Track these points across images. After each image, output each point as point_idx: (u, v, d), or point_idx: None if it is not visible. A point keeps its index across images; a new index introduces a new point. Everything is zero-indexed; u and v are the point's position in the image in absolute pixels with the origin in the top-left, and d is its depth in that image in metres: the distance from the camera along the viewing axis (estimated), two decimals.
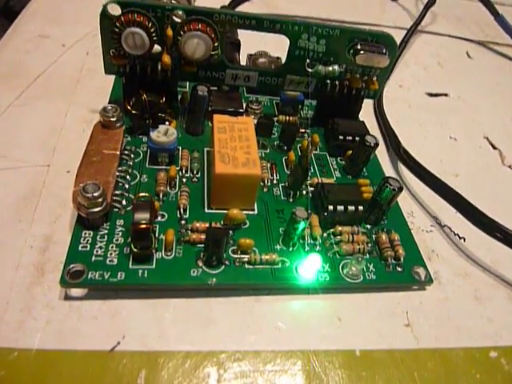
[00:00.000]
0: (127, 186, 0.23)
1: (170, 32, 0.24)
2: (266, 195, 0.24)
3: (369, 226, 0.24)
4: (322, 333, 0.20)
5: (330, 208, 0.23)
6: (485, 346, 0.21)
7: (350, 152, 0.27)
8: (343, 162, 0.28)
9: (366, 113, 0.34)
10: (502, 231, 0.23)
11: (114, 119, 0.24)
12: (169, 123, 0.26)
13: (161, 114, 0.25)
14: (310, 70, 0.27)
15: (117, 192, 0.22)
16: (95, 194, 0.20)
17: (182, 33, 0.24)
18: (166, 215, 0.22)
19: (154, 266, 0.20)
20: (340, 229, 0.23)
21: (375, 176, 0.27)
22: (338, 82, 0.28)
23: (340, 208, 0.23)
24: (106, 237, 0.21)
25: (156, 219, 0.21)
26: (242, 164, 0.22)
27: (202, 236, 0.21)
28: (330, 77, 0.27)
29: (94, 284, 0.19)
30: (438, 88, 0.39)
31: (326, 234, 0.23)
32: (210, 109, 0.27)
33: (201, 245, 0.21)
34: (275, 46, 0.32)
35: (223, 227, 0.21)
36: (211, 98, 0.28)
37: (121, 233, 0.21)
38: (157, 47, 0.25)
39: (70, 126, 0.27)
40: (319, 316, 0.21)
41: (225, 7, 0.37)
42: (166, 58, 0.25)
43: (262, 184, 0.25)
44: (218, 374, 0.18)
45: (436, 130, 0.34)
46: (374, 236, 0.23)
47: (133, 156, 0.25)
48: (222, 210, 0.22)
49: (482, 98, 0.39)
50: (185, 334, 0.19)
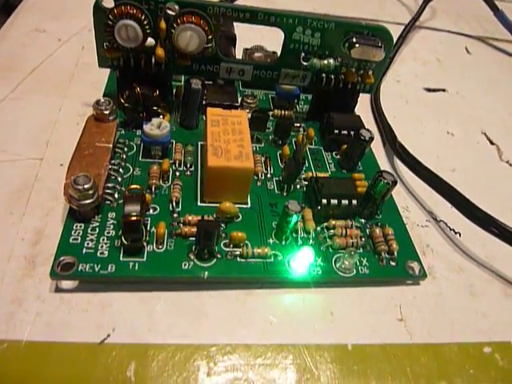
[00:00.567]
0: (120, 179, 0.23)
1: (163, 25, 0.24)
2: (260, 189, 0.24)
3: (363, 221, 0.24)
4: (314, 327, 0.20)
5: (324, 202, 0.22)
6: (479, 341, 0.21)
7: (345, 146, 0.27)
8: (338, 156, 0.28)
9: (363, 107, 0.34)
10: (497, 226, 0.23)
11: (107, 112, 0.24)
12: (163, 116, 0.26)
13: (154, 108, 0.25)
14: (304, 64, 0.27)
15: (109, 185, 0.22)
16: (86, 186, 0.19)
17: (175, 25, 0.24)
18: (158, 208, 0.22)
19: (144, 259, 0.20)
20: (333, 223, 0.23)
21: (370, 170, 0.27)
22: (333, 76, 0.28)
23: (333, 202, 0.22)
24: (98, 229, 0.20)
25: (147, 212, 0.21)
26: (234, 157, 0.21)
27: (193, 229, 0.21)
28: (326, 70, 0.27)
29: (85, 276, 0.19)
30: (436, 83, 0.39)
31: (319, 228, 0.23)
32: (204, 102, 0.27)
33: (193, 238, 0.21)
34: (272, 41, 0.31)
35: (215, 220, 0.21)
36: (206, 91, 0.28)
37: (112, 225, 0.21)
38: (151, 40, 0.25)
39: (63, 119, 0.27)
40: (311, 310, 0.21)
41: (222, 1, 0.37)
42: (159, 51, 0.24)
43: (256, 178, 0.25)
44: (208, 367, 0.18)
45: (433, 126, 0.34)
46: (367, 230, 0.23)
47: (126, 149, 0.25)
48: (215, 204, 0.22)
49: (480, 93, 0.39)
50: (175, 327, 0.19)
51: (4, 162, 0.24)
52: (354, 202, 0.23)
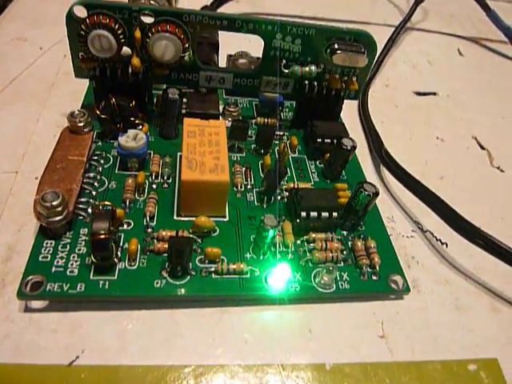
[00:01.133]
0: (94, 193, 0.22)
1: (138, 34, 0.23)
2: (239, 201, 0.24)
3: (345, 233, 0.23)
4: (292, 345, 0.19)
5: (303, 214, 0.22)
6: (464, 358, 0.20)
7: (328, 155, 0.26)
8: (322, 165, 0.27)
9: (351, 113, 0.33)
10: (483, 238, 0.22)
11: (82, 124, 0.23)
12: (141, 127, 0.25)
13: (131, 118, 0.25)
14: (285, 71, 0.26)
15: (82, 199, 0.22)
16: (54, 203, 0.19)
17: (150, 35, 0.23)
18: (133, 223, 0.21)
19: (115, 277, 0.19)
20: (314, 236, 0.22)
21: (355, 179, 0.26)
22: (316, 83, 0.27)
23: (313, 214, 0.22)
24: (68, 246, 0.20)
25: (119, 228, 0.21)
26: (209, 170, 0.21)
27: (166, 245, 0.20)
28: (308, 77, 0.26)
29: (53, 296, 0.18)
30: (427, 87, 0.38)
31: (299, 242, 0.22)
32: (184, 111, 0.27)
33: (166, 254, 0.20)
34: (258, 46, 0.31)
35: (188, 236, 0.21)
36: (186, 100, 0.27)
37: (84, 242, 0.20)
38: (127, 49, 0.24)
39: (41, 130, 0.27)
40: (289, 328, 0.20)
41: (206, 7, 0.36)
42: (135, 61, 0.24)
43: (235, 189, 0.24)
44: None
45: (422, 131, 0.33)
46: (349, 243, 0.23)
47: (102, 161, 0.24)
48: (192, 217, 0.22)
49: (471, 96, 0.38)
50: (147, 348, 0.18)
51: None
52: (335, 214, 0.22)
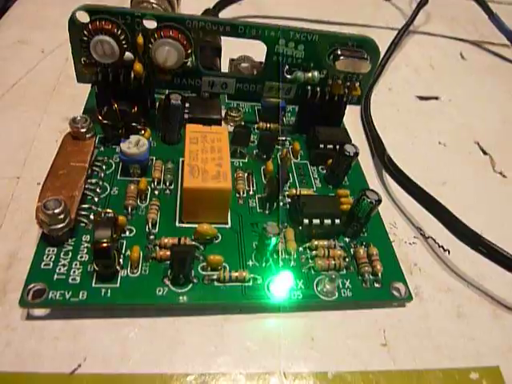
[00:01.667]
0: (96, 199, 0.22)
1: (140, 39, 0.23)
2: (241, 207, 0.24)
3: (347, 239, 0.23)
4: (294, 353, 0.19)
5: (305, 221, 0.22)
6: (466, 366, 0.20)
7: (331, 161, 0.26)
8: (325, 171, 0.27)
9: (354, 118, 0.33)
10: (485, 245, 0.22)
11: (84, 130, 0.23)
12: (144, 132, 0.25)
13: (134, 124, 0.25)
14: (288, 77, 0.26)
15: (84, 206, 0.22)
16: (56, 211, 0.19)
17: (152, 40, 0.23)
18: (135, 230, 0.21)
19: (118, 285, 0.19)
20: (316, 243, 0.22)
21: (357, 185, 0.26)
22: (319, 89, 0.27)
23: (316, 221, 0.22)
24: (71, 253, 0.20)
25: (121, 235, 0.21)
26: (211, 177, 0.21)
27: (169, 252, 0.20)
28: (310, 83, 0.26)
29: (55, 304, 0.18)
30: (429, 91, 0.38)
31: (301, 249, 0.22)
32: (187, 116, 0.26)
33: (168, 261, 0.20)
34: (259, 51, 0.31)
35: (191, 244, 0.20)
36: (188, 104, 0.27)
37: (86, 249, 0.20)
38: (130, 55, 0.24)
39: (43, 136, 0.27)
40: (291, 335, 0.20)
41: (209, 10, 0.36)
42: (137, 67, 0.24)
43: (238, 195, 0.24)
44: None
45: (424, 136, 0.33)
46: (352, 250, 0.23)
47: (104, 167, 0.24)
48: (194, 224, 0.22)
49: (474, 100, 0.38)
50: (149, 356, 0.18)
51: None
52: (337, 221, 0.22)
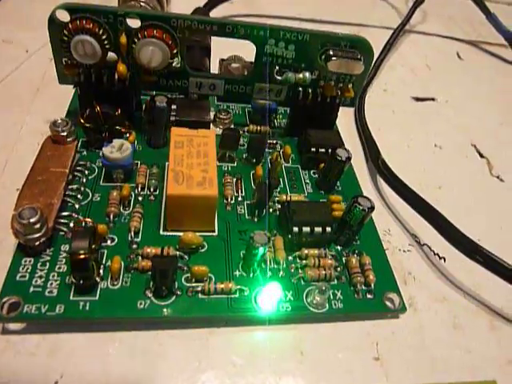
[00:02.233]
0: (77, 206, 0.21)
1: (123, 39, 0.22)
2: (229, 214, 0.23)
3: (339, 248, 0.22)
4: (282, 368, 0.19)
5: (295, 230, 0.21)
6: (462, 380, 0.19)
7: (323, 165, 0.25)
8: (317, 175, 0.26)
9: (347, 119, 0.32)
10: (482, 254, 0.21)
11: (65, 134, 0.22)
12: (128, 135, 0.25)
13: (118, 127, 0.24)
14: (278, 78, 0.25)
15: (64, 213, 0.21)
16: (32, 220, 0.18)
17: (136, 40, 0.22)
18: (117, 239, 0.20)
19: (97, 298, 0.18)
20: (306, 252, 0.21)
21: (350, 191, 0.25)
22: (310, 90, 0.26)
23: (306, 229, 0.21)
24: (48, 264, 0.19)
25: (102, 244, 0.20)
26: (196, 184, 0.20)
27: (151, 263, 0.19)
28: (302, 84, 0.25)
29: (30, 318, 0.17)
30: (425, 92, 0.37)
31: (291, 258, 0.21)
32: (174, 119, 0.25)
33: (150, 273, 0.19)
34: (250, 50, 0.30)
35: (173, 254, 0.20)
36: (176, 106, 0.26)
37: (64, 259, 0.19)
38: (113, 55, 0.23)
39: (24, 139, 0.26)
40: (279, 349, 0.19)
41: (199, 9, 0.35)
42: (121, 67, 0.23)
43: (225, 202, 0.23)
44: None
45: (420, 138, 0.32)
46: (344, 259, 0.22)
47: (87, 172, 0.23)
48: (180, 232, 0.21)
49: (471, 101, 0.37)
50: (130, 372, 0.18)
51: None
52: (328, 229, 0.21)
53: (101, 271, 0.19)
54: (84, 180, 0.23)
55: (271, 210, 0.23)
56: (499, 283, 0.21)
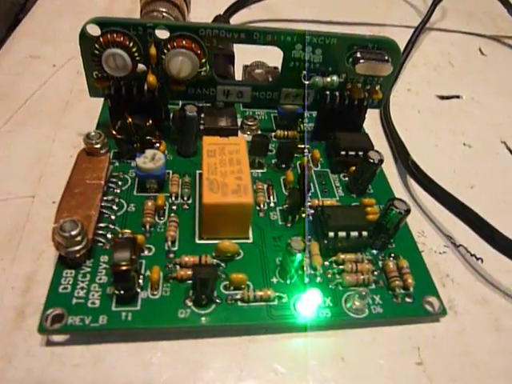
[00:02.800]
0: (113, 217, 0.22)
1: (153, 51, 0.23)
2: (262, 220, 0.23)
3: (375, 251, 0.22)
4: (324, 375, 0.18)
5: (331, 235, 0.21)
6: None
7: (354, 168, 0.25)
8: (347, 178, 0.26)
9: (373, 121, 0.32)
10: None
11: (98, 146, 0.23)
12: (159, 145, 0.25)
13: (149, 137, 0.24)
14: (306, 83, 0.25)
15: (101, 225, 0.21)
16: (73, 233, 0.18)
17: (165, 51, 0.22)
18: (154, 249, 0.21)
19: (138, 308, 0.18)
20: (342, 257, 0.21)
21: (382, 193, 0.25)
22: (338, 93, 0.26)
23: (342, 234, 0.21)
24: (89, 275, 0.19)
25: (141, 255, 0.20)
26: (232, 191, 0.20)
27: (190, 272, 0.19)
28: (329, 88, 0.25)
29: (74, 330, 0.18)
30: (450, 90, 0.37)
31: (327, 263, 0.21)
32: (202, 127, 0.26)
33: (190, 281, 0.19)
34: (272, 56, 0.30)
35: (212, 263, 0.20)
36: (204, 115, 0.26)
37: (104, 270, 0.19)
38: (142, 66, 0.24)
39: (57, 151, 0.26)
40: (320, 356, 0.19)
41: (220, 16, 0.36)
42: (151, 78, 0.23)
43: (258, 208, 0.23)
44: None
45: (448, 137, 0.32)
46: (380, 262, 0.21)
47: (120, 183, 0.23)
48: (214, 240, 0.21)
49: (497, 98, 0.37)
50: (172, 380, 0.18)
51: None
52: (365, 233, 0.21)
53: (140, 281, 0.19)
54: (118, 191, 0.23)
55: (304, 215, 0.23)
56: None
